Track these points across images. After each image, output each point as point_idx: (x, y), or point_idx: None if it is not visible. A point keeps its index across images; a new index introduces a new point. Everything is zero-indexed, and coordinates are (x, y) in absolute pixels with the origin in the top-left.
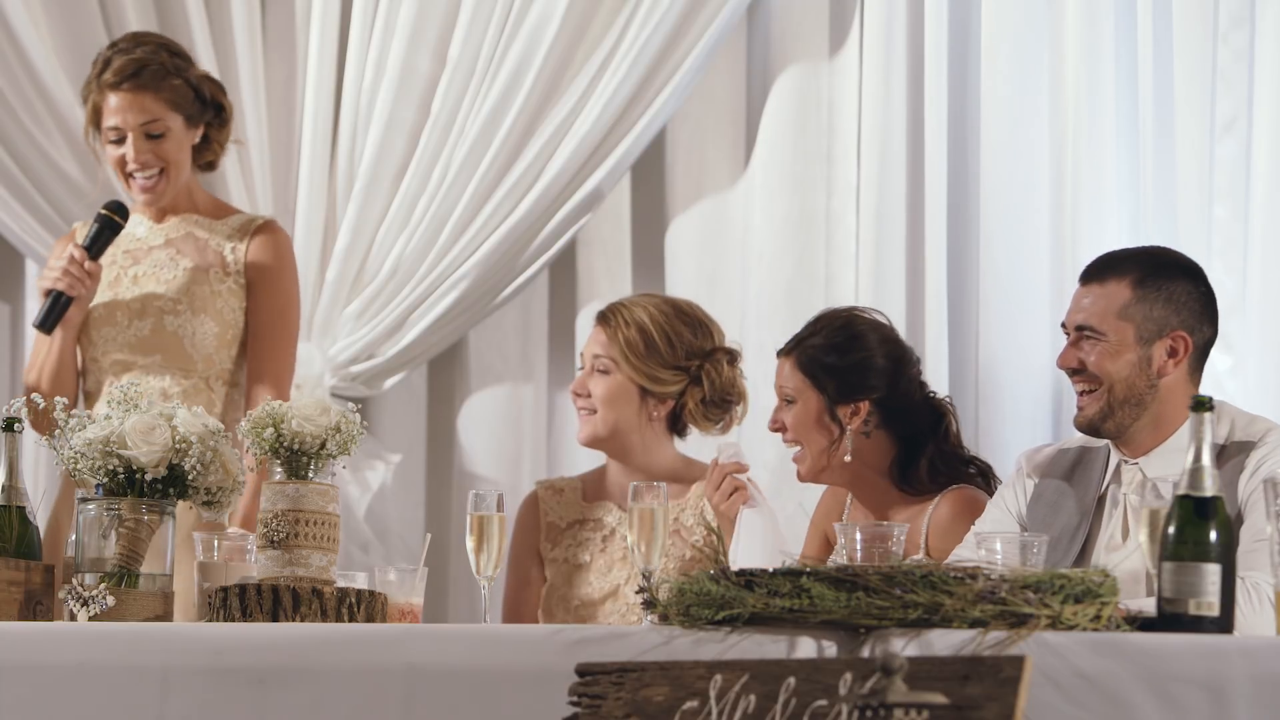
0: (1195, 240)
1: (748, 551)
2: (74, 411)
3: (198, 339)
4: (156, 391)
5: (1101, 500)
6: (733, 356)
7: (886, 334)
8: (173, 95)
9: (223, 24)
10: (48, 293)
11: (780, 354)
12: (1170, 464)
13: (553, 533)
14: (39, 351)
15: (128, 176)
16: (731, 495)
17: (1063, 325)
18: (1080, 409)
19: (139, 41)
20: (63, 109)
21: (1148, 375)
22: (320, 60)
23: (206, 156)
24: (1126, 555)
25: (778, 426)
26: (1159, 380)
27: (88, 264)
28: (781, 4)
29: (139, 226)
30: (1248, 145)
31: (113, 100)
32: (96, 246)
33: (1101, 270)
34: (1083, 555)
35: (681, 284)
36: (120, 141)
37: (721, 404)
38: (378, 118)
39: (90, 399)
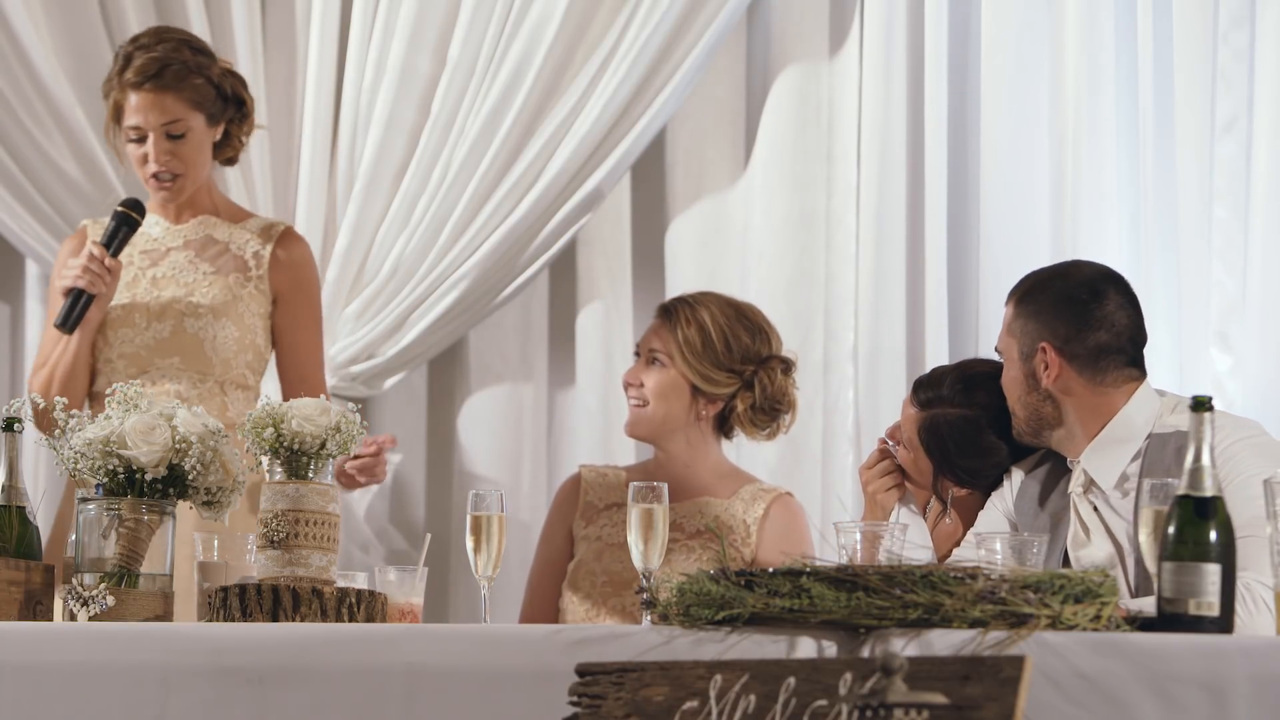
0: (1195, 240)
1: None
2: (73, 412)
3: (218, 343)
4: (169, 394)
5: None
6: (787, 365)
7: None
8: (194, 94)
9: (223, 24)
10: (68, 292)
11: (913, 396)
12: (1104, 457)
13: (589, 512)
14: (48, 352)
15: (148, 177)
16: (890, 489)
17: None
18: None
19: (161, 38)
20: (63, 109)
21: (1035, 389)
22: (320, 60)
23: (227, 153)
24: (1094, 549)
25: (894, 440)
26: (1050, 389)
27: (108, 261)
28: (781, 4)
29: (155, 227)
30: (1248, 145)
31: (134, 99)
32: (115, 244)
33: (1009, 294)
34: (1066, 553)
35: (681, 284)
36: (141, 140)
37: (770, 411)
38: (378, 118)
39: (99, 400)
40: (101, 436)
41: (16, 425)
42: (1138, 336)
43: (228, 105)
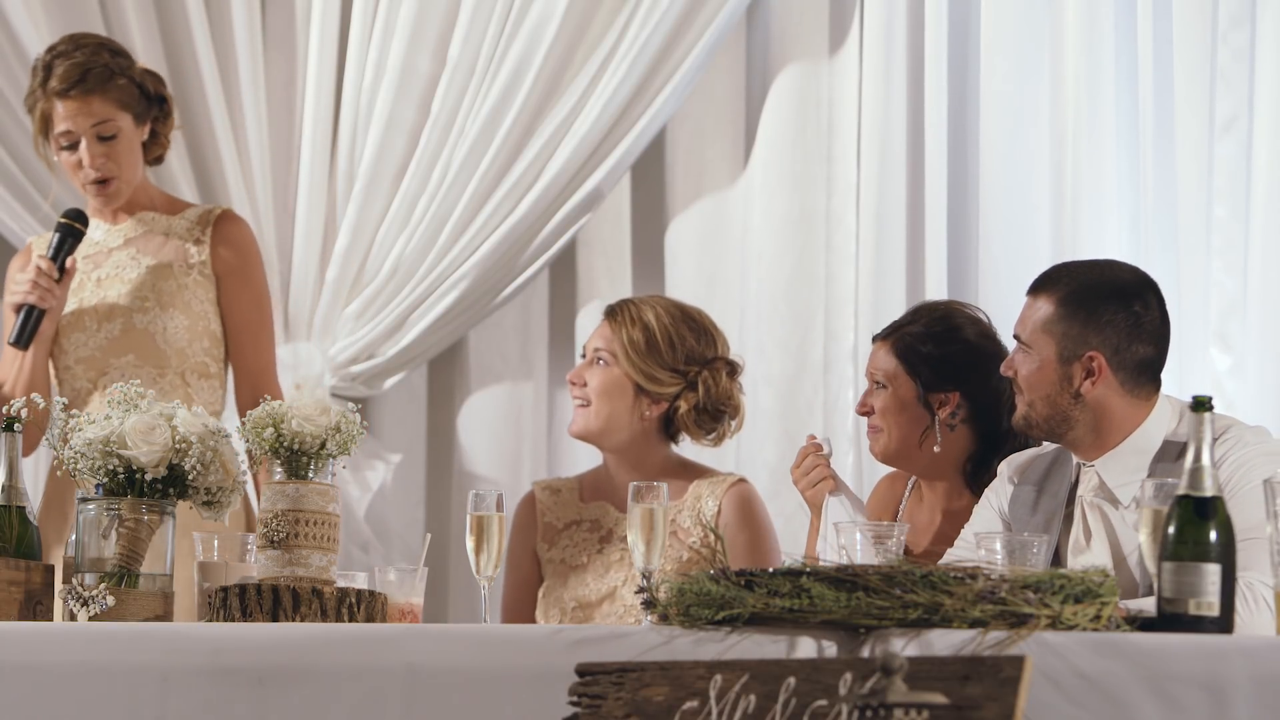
0: (1195, 240)
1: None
2: (73, 412)
3: (169, 334)
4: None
5: (1071, 502)
6: (733, 369)
7: (983, 329)
8: (120, 95)
9: (223, 24)
10: (18, 308)
11: (876, 338)
12: (1124, 466)
13: (549, 533)
14: (6, 369)
15: (85, 183)
16: (818, 484)
17: None
18: (1014, 408)
19: (78, 44)
20: None
21: (1069, 392)
22: (320, 60)
23: (155, 152)
24: (1094, 557)
25: (865, 410)
26: (1083, 396)
27: (54, 274)
28: (781, 4)
29: (96, 230)
30: (1248, 145)
31: (61, 108)
32: (60, 256)
33: (1039, 283)
34: (1055, 557)
35: (681, 284)
36: (73, 147)
37: (714, 414)
38: (378, 118)
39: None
40: (101, 436)
41: (16, 425)
42: (1167, 350)
43: (151, 104)
